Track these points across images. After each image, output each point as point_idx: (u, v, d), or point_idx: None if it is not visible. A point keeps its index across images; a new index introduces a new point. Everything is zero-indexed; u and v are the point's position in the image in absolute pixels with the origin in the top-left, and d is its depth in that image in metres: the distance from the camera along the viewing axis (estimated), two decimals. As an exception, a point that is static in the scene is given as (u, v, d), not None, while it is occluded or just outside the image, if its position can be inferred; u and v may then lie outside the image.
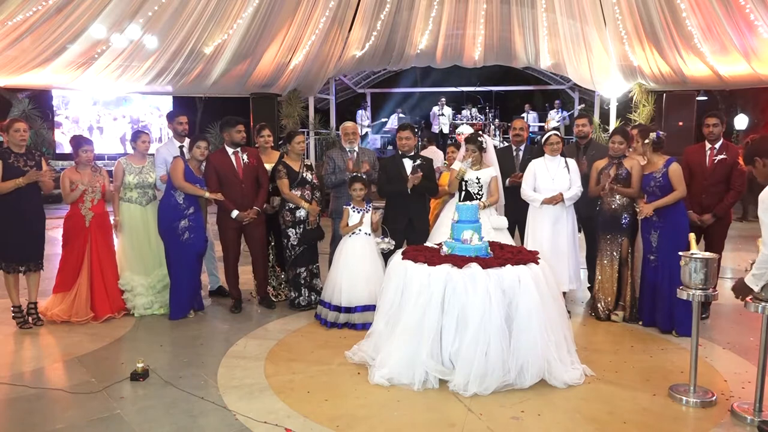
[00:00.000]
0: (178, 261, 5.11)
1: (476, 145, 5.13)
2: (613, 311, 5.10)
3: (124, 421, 3.27)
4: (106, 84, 12.82)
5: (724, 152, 5.11)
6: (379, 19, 12.66)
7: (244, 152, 5.38)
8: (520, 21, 12.67)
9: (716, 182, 5.09)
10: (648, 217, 4.79)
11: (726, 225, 5.21)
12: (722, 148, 5.13)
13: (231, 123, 5.36)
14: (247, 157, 5.38)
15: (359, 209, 5.08)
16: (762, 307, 3.25)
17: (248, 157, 5.39)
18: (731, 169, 5.07)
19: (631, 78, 12.16)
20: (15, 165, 4.79)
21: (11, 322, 4.97)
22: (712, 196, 5.09)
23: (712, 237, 5.15)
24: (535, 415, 3.35)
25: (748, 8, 9.71)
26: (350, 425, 3.22)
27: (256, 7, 11.36)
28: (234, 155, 5.34)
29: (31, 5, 9.89)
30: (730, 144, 5.30)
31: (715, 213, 5.07)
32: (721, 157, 5.10)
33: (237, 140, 5.33)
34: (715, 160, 5.12)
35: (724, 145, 5.16)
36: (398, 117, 15.44)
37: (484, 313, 3.59)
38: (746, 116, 14.27)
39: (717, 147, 5.15)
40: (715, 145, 5.16)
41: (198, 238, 5.20)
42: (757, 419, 3.27)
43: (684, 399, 3.49)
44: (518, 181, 5.41)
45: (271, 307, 5.45)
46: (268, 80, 13.07)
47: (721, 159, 5.09)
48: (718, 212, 5.07)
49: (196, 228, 5.17)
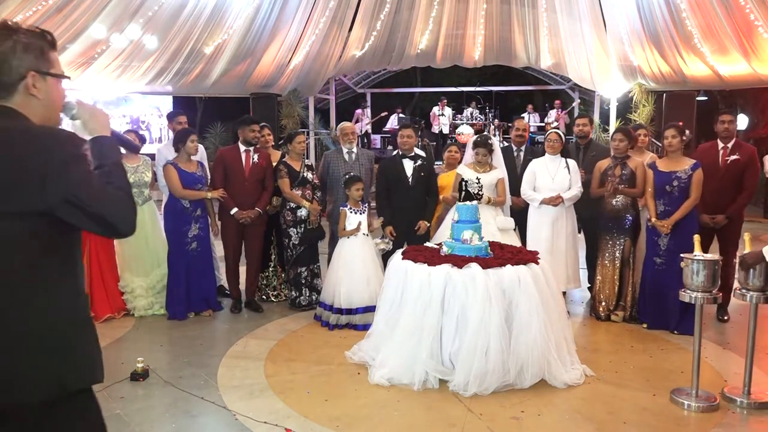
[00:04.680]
0: (179, 263, 5.10)
1: (487, 149, 5.11)
2: (614, 311, 5.10)
3: (124, 421, 3.27)
4: (106, 84, 12.81)
5: (737, 152, 4.98)
6: (379, 19, 12.65)
7: (255, 152, 5.40)
8: (520, 21, 12.66)
9: (729, 183, 4.96)
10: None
11: (739, 225, 5.07)
12: (735, 148, 5.00)
13: (246, 122, 5.43)
14: (257, 157, 5.39)
15: (356, 210, 5.07)
16: (750, 296, 3.50)
17: (259, 157, 5.40)
18: (744, 169, 4.96)
19: (631, 78, 12.14)
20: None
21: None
22: (725, 196, 4.95)
23: (725, 238, 5.04)
24: (535, 415, 3.35)
25: (748, 8, 9.70)
26: (350, 425, 3.22)
27: (256, 7, 11.36)
28: (245, 153, 5.36)
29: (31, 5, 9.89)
30: (743, 144, 5.17)
31: (728, 214, 4.96)
32: (734, 158, 4.96)
33: (249, 139, 5.34)
34: (728, 160, 4.98)
35: (737, 145, 5.03)
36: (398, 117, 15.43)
37: (483, 313, 3.59)
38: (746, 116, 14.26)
39: (730, 147, 5.02)
40: (728, 144, 5.03)
41: (204, 251, 5.20)
42: (746, 400, 3.48)
43: (686, 403, 3.48)
44: (519, 205, 5.44)
45: (258, 311, 5.40)
46: (268, 80, 13.05)
47: (734, 159, 4.96)
48: (731, 213, 4.96)
49: (205, 238, 5.19)
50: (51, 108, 1.65)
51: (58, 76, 1.65)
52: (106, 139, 1.68)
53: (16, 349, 1.50)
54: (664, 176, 4.77)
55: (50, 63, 1.63)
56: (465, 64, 14.19)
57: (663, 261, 4.78)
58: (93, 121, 1.70)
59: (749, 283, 3.54)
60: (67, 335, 1.58)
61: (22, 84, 1.57)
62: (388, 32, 13.06)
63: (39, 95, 1.60)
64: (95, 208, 1.51)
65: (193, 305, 5.22)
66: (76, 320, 1.62)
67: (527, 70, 16.12)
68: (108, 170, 1.61)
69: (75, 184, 1.48)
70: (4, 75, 1.56)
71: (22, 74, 1.57)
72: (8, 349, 1.49)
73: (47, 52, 1.62)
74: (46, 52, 1.61)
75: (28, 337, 1.51)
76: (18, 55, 1.56)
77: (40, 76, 1.60)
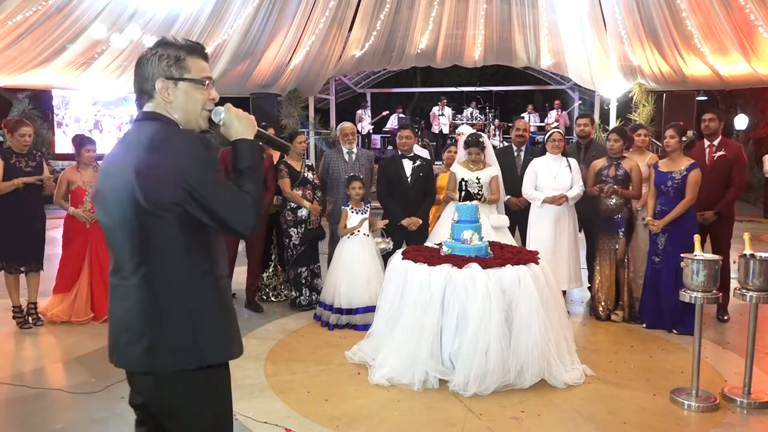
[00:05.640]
0: None
1: (479, 148, 5.14)
2: (614, 311, 5.10)
3: (124, 421, 3.26)
4: (106, 84, 12.81)
5: (723, 149, 5.13)
6: (378, 19, 12.65)
7: None
8: (520, 21, 12.66)
9: (717, 179, 5.08)
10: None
11: (730, 223, 5.18)
12: (721, 145, 5.16)
13: None
14: None
15: (357, 210, 5.08)
16: (750, 296, 3.50)
17: None
18: (731, 165, 5.08)
19: (631, 78, 12.14)
20: (17, 165, 4.80)
21: (11, 322, 4.97)
22: (713, 193, 5.06)
23: (717, 237, 5.12)
24: (535, 415, 3.35)
25: (748, 8, 9.70)
26: (350, 425, 3.22)
27: (256, 7, 11.36)
28: None
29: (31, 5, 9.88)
30: (729, 140, 5.33)
31: (717, 210, 5.04)
32: (721, 154, 5.12)
33: None
34: (714, 156, 5.13)
35: (722, 142, 5.19)
36: (398, 117, 15.44)
37: (484, 313, 3.59)
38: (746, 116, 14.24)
39: (716, 144, 5.18)
40: (714, 142, 5.20)
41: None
42: (746, 400, 3.48)
43: (686, 403, 3.48)
44: (519, 206, 5.45)
45: (259, 311, 5.41)
46: (268, 80, 13.06)
47: (721, 155, 5.11)
48: (720, 209, 5.05)
49: None
50: (189, 111, 1.79)
51: (189, 80, 1.76)
52: (246, 142, 1.79)
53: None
54: (661, 176, 4.83)
55: (185, 70, 1.76)
56: (465, 64, 14.20)
57: (660, 260, 4.80)
58: (236, 125, 1.80)
59: (749, 283, 3.54)
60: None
61: (156, 90, 1.75)
62: (388, 32, 13.06)
63: (171, 99, 1.76)
64: (212, 206, 1.65)
65: None
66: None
67: (527, 70, 16.12)
68: (240, 173, 1.75)
69: (196, 184, 1.63)
70: (145, 83, 1.76)
71: (155, 82, 1.75)
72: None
73: (184, 59, 1.76)
74: (182, 60, 1.76)
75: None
76: (152, 65, 1.75)
77: (173, 82, 1.75)
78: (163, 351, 1.69)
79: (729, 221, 5.17)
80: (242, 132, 1.80)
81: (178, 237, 1.67)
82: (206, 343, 1.72)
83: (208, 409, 1.76)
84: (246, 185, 1.73)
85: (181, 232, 1.67)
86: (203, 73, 1.79)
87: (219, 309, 1.76)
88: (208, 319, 1.73)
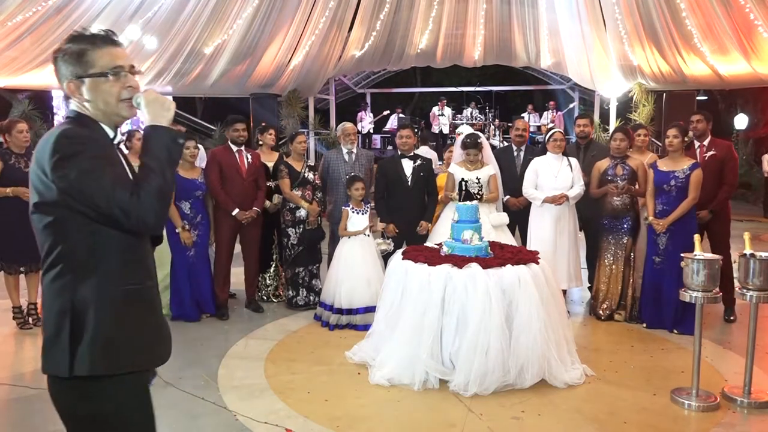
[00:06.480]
0: (179, 265, 5.10)
1: (477, 149, 5.13)
2: (616, 311, 5.09)
3: (125, 421, 3.26)
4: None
5: (713, 148, 5.17)
6: (378, 19, 12.65)
7: (247, 152, 5.40)
8: (520, 21, 12.66)
9: (709, 179, 5.03)
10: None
11: (727, 222, 5.19)
12: (711, 145, 5.20)
13: (229, 122, 5.47)
14: (251, 156, 5.39)
15: (358, 210, 5.08)
16: (750, 296, 3.50)
17: (252, 157, 5.40)
18: (723, 164, 5.11)
19: (631, 77, 12.15)
20: (16, 166, 4.79)
21: (11, 323, 4.97)
22: (707, 192, 5.03)
23: (714, 236, 5.12)
24: (536, 415, 3.35)
25: (748, 8, 9.71)
26: (350, 425, 3.22)
27: (256, 7, 11.36)
28: (238, 153, 5.35)
29: (31, 5, 9.89)
30: (718, 140, 5.37)
31: (711, 209, 5.06)
32: (711, 153, 5.15)
33: (233, 138, 5.36)
34: (705, 156, 5.16)
35: (712, 142, 5.23)
36: (398, 117, 15.44)
37: (484, 313, 3.59)
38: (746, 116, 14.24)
39: (706, 144, 5.22)
40: (704, 142, 5.24)
41: (201, 255, 5.19)
42: (746, 400, 3.48)
43: (686, 403, 3.48)
44: (519, 206, 5.46)
45: (259, 311, 5.40)
46: (268, 80, 13.06)
47: (712, 155, 5.14)
48: (714, 208, 5.07)
49: (200, 245, 5.17)
50: (104, 105, 1.72)
51: (93, 76, 1.69)
52: (157, 130, 1.68)
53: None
54: (662, 176, 4.80)
55: (88, 65, 1.69)
56: (465, 63, 14.19)
57: (661, 260, 4.79)
58: (148, 110, 1.71)
59: (749, 283, 3.54)
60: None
61: (68, 92, 1.72)
62: (388, 32, 13.06)
63: (85, 98, 1.71)
64: (91, 200, 1.58)
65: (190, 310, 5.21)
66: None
67: (527, 70, 16.12)
68: (145, 163, 1.65)
69: (70, 178, 1.57)
70: (61, 85, 1.73)
71: (67, 84, 1.71)
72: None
73: (85, 54, 1.68)
74: (84, 54, 1.68)
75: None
76: (60, 66, 1.71)
77: (80, 81, 1.70)
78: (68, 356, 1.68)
79: (725, 220, 5.18)
80: (150, 119, 1.69)
81: (80, 238, 1.63)
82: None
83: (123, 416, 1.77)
84: (145, 177, 1.61)
85: (81, 233, 1.63)
86: (115, 61, 1.70)
87: (127, 317, 1.72)
88: (114, 327, 1.68)
